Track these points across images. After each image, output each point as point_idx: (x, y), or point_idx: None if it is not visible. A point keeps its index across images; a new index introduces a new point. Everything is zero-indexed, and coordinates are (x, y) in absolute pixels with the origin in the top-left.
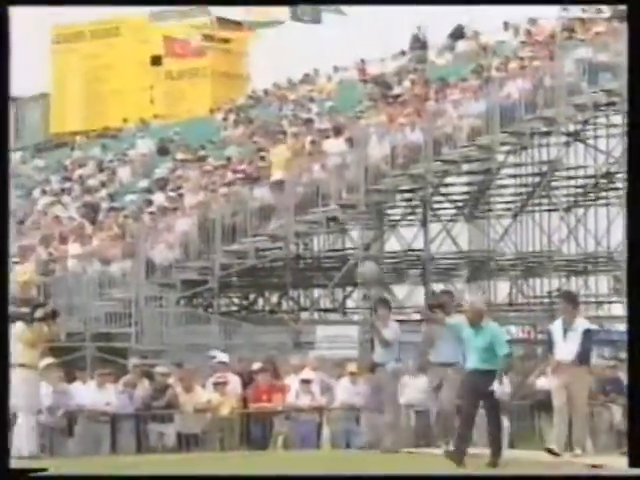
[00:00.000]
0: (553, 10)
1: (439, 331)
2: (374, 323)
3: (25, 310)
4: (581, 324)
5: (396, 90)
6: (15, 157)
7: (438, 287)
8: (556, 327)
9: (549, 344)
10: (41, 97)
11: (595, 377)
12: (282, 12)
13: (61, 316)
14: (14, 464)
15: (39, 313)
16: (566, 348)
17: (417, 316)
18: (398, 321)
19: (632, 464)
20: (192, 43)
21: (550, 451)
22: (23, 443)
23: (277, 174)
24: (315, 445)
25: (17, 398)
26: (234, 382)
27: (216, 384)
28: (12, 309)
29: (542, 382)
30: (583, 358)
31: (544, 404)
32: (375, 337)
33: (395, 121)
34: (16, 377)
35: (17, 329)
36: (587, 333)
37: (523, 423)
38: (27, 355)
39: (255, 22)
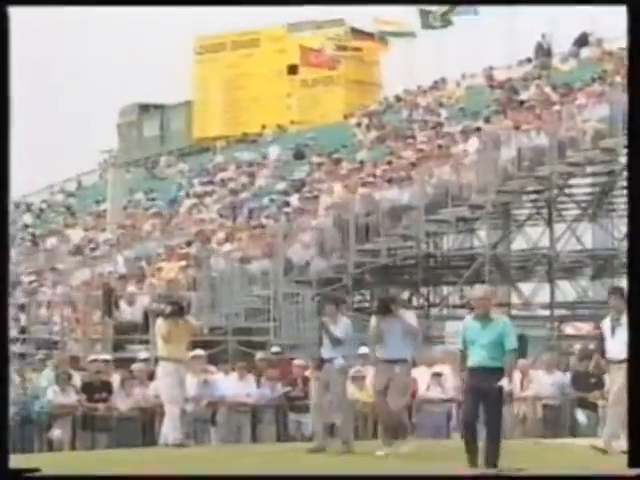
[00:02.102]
0: None
1: (388, 326)
2: (323, 320)
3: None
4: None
5: (522, 95)
6: (161, 161)
7: (563, 284)
8: (605, 324)
9: (601, 341)
10: (185, 104)
11: None
12: (413, 21)
13: (202, 312)
14: (159, 452)
15: (168, 309)
16: (614, 344)
17: (545, 312)
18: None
19: (632, 464)
20: (326, 53)
21: (596, 448)
22: (169, 431)
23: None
24: (445, 435)
25: (161, 389)
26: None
27: (355, 377)
28: (156, 306)
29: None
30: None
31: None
32: (324, 334)
33: (521, 125)
34: (159, 369)
35: (157, 325)
36: None
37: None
38: (165, 349)
39: (386, 32)
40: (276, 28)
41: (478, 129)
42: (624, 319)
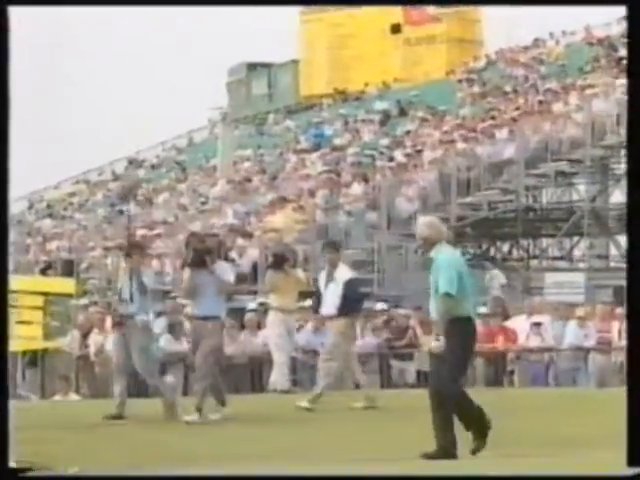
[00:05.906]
0: None
1: (202, 280)
2: (134, 268)
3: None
4: (343, 274)
5: (621, 52)
6: (269, 118)
7: None
8: (321, 279)
9: (317, 297)
10: (292, 63)
11: None
12: None
13: (309, 264)
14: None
15: (271, 261)
16: (328, 300)
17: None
18: (623, 269)
19: (631, 463)
20: (429, 11)
21: (300, 407)
22: (277, 378)
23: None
24: (544, 383)
25: (270, 338)
26: None
27: None
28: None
29: None
30: (344, 310)
31: None
32: (133, 283)
33: (620, 81)
34: (268, 319)
35: (267, 276)
36: (348, 283)
37: None
38: (274, 299)
39: None
40: None
41: (578, 85)
42: (339, 273)
